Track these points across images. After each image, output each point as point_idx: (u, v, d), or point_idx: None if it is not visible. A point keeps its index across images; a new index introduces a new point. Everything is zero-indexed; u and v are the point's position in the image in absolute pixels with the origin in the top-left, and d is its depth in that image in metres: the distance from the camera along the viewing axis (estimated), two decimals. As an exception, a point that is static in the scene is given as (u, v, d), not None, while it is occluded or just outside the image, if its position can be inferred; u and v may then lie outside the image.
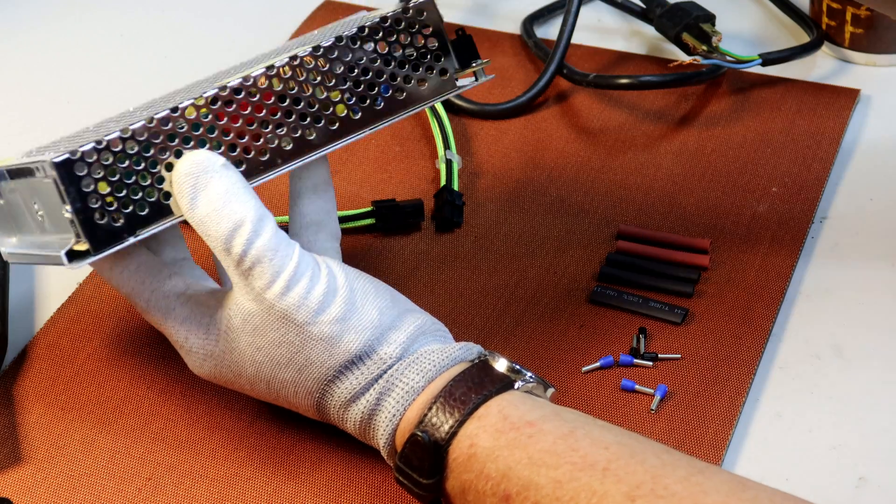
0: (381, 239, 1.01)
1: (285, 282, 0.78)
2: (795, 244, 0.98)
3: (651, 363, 0.90)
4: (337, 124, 0.84)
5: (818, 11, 1.16)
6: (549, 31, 1.21)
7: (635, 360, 0.90)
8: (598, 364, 0.90)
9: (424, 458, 0.77)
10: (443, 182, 1.04)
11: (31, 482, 0.85)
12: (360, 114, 0.85)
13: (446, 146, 1.06)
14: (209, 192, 0.79)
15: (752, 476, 0.83)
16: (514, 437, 0.75)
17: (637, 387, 0.88)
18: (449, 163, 1.04)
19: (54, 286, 0.99)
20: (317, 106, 0.84)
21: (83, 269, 0.96)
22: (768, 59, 1.11)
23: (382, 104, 0.86)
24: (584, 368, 0.90)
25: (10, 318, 0.95)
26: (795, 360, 0.91)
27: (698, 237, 0.99)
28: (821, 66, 1.16)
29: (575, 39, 1.17)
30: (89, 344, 0.94)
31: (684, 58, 1.09)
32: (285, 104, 0.83)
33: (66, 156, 0.77)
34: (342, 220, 1.00)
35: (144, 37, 1.24)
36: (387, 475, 0.83)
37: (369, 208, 1.01)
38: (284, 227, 0.89)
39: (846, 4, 1.13)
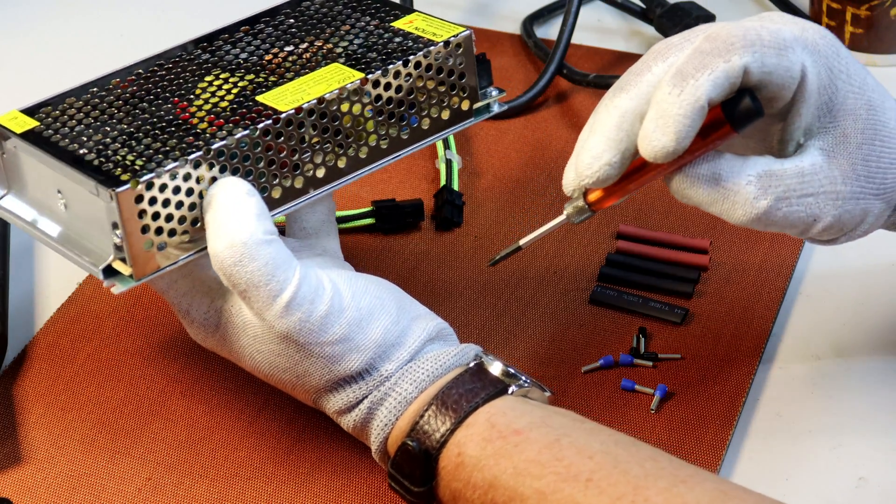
0: (381, 239, 1.01)
1: (283, 306, 0.77)
2: (795, 244, 0.98)
3: (651, 363, 0.90)
4: (366, 153, 0.84)
5: (818, 11, 1.16)
6: (549, 31, 1.21)
7: (635, 360, 0.90)
8: (598, 364, 0.90)
9: (415, 466, 0.77)
10: (443, 182, 1.03)
11: (31, 482, 0.85)
12: (388, 143, 0.85)
13: (446, 146, 1.06)
14: (217, 211, 0.78)
15: (753, 476, 0.83)
16: (501, 447, 0.75)
17: (637, 387, 0.88)
18: (449, 163, 1.04)
19: (54, 286, 0.99)
20: (352, 136, 0.83)
21: (83, 270, 0.97)
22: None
23: (408, 133, 0.85)
24: (584, 368, 0.90)
25: (10, 318, 0.95)
26: (795, 360, 0.91)
27: (698, 237, 0.99)
28: (821, 66, 1.16)
29: (575, 39, 1.17)
30: (89, 344, 0.94)
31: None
32: (326, 134, 0.82)
33: (127, 187, 0.76)
34: (342, 220, 1.00)
35: (144, 37, 1.24)
36: (385, 477, 0.83)
37: (369, 208, 1.01)
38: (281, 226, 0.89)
39: (846, 4, 1.14)
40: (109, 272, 0.78)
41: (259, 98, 0.82)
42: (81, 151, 0.79)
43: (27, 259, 1.01)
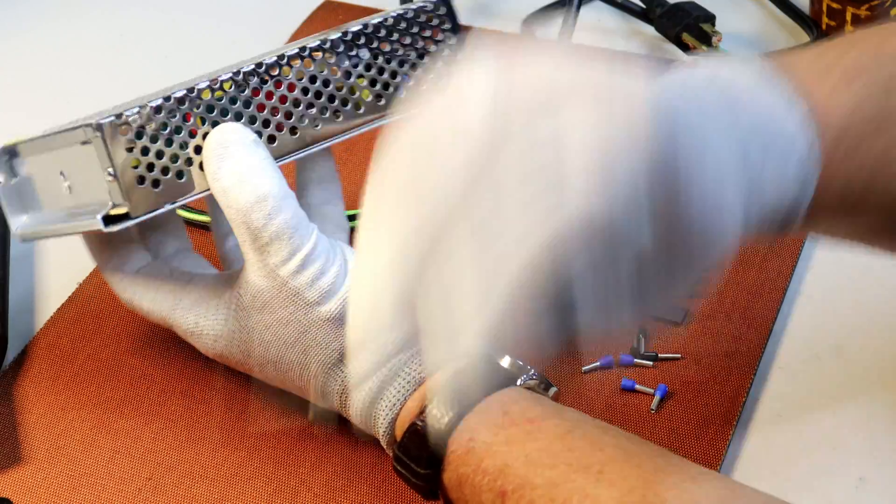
0: (381, 239, 1.01)
1: (301, 260, 0.79)
2: (795, 244, 0.98)
3: (651, 363, 0.90)
4: (362, 108, 0.87)
5: (818, 11, 1.16)
6: (550, 31, 1.21)
7: (635, 360, 0.90)
8: (598, 364, 0.90)
9: (423, 448, 0.77)
10: (443, 182, 1.03)
11: (31, 482, 0.85)
12: (383, 100, 0.87)
13: (446, 146, 1.05)
14: (236, 162, 0.79)
15: (753, 476, 0.84)
16: (513, 434, 0.75)
17: (637, 387, 0.88)
18: (449, 163, 1.04)
19: (54, 286, 0.99)
20: (343, 89, 0.86)
21: (83, 269, 0.97)
22: (768, 60, 1.11)
23: (404, 93, 0.88)
24: (584, 368, 0.90)
25: (10, 318, 0.95)
26: (795, 360, 0.91)
27: (698, 237, 0.99)
28: (821, 66, 1.16)
29: (575, 39, 1.17)
30: (89, 344, 0.94)
31: (684, 58, 1.09)
32: (315, 85, 0.85)
33: (111, 118, 0.78)
34: (342, 220, 1.00)
35: (144, 37, 1.24)
36: (387, 475, 0.83)
37: (369, 208, 1.01)
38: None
39: (846, 4, 1.14)
40: (110, 221, 0.79)
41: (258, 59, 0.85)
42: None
43: (27, 259, 1.01)
